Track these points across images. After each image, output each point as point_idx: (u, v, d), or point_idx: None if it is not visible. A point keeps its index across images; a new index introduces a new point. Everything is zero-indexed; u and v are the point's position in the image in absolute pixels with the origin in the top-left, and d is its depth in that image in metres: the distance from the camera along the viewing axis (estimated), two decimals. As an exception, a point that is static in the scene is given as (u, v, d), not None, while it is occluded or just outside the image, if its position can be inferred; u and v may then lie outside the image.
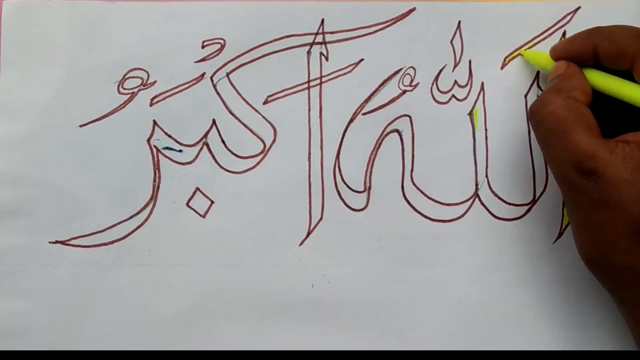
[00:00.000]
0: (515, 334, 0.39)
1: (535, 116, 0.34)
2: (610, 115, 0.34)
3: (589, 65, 0.36)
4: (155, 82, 0.40)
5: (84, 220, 0.40)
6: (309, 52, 0.41)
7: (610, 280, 0.33)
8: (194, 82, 0.41)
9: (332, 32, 0.41)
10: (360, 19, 0.41)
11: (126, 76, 0.40)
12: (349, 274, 0.39)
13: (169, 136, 0.40)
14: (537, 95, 0.40)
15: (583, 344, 0.39)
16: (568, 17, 0.41)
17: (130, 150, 0.40)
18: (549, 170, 0.40)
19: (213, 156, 0.40)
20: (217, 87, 0.41)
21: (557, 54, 0.37)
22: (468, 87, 0.41)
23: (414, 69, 0.41)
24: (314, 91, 0.41)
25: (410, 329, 0.39)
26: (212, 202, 0.40)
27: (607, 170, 0.31)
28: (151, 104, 0.40)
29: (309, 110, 0.40)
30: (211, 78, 0.41)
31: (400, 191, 0.40)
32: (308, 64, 0.41)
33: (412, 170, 0.40)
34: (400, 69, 0.41)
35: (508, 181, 0.40)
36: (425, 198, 0.40)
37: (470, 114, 0.41)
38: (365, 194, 0.40)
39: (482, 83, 0.41)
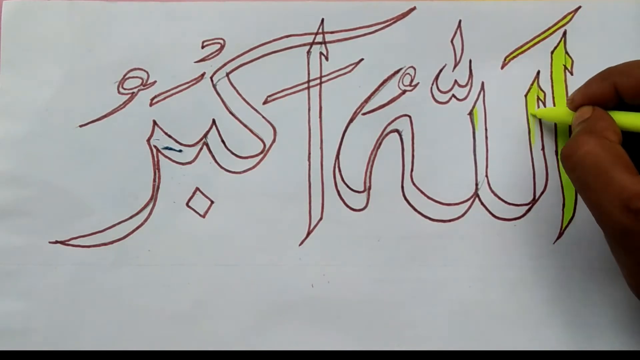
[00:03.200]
0: (515, 334, 0.39)
1: (571, 159, 0.33)
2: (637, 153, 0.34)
3: (611, 106, 0.35)
4: (155, 82, 0.41)
5: (84, 220, 0.40)
6: (309, 52, 0.41)
7: None
8: (194, 82, 0.41)
9: (332, 32, 0.41)
10: (360, 19, 0.41)
11: (126, 76, 0.41)
12: (349, 274, 0.39)
13: (169, 136, 0.40)
14: (537, 95, 0.40)
15: (583, 344, 0.39)
16: (569, 17, 0.41)
17: (130, 150, 0.40)
18: (549, 170, 0.40)
19: (213, 156, 0.40)
20: (217, 87, 0.41)
21: (576, 103, 0.37)
22: (468, 86, 0.41)
23: (414, 68, 0.41)
24: (314, 91, 0.41)
25: (410, 329, 0.39)
26: (212, 202, 0.40)
27: None
28: (151, 104, 0.40)
29: (309, 110, 0.40)
30: (211, 78, 0.41)
31: (400, 191, 0.40)
32: (308, 63, 0.41)
33: (412, 170, 0.40)
34: (400, 69, 0.41)
35: (508, 181, 0.40)
36: (425, 198, 0.40)
37: (471, 113, 0.40)
38: (365, 194, 0.40)
39: (482, 83, 0.41)
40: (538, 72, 0.41)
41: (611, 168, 0.31)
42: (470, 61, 0.41)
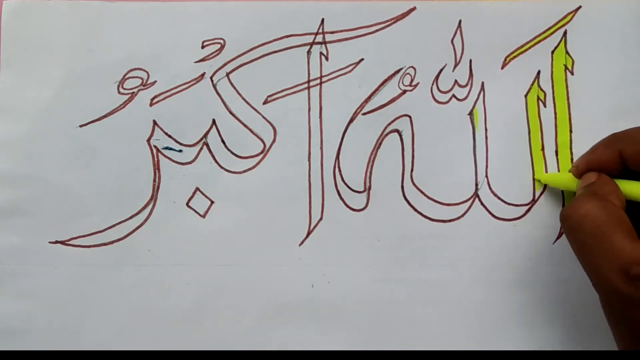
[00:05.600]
0: (515, 334, 0.39)
1: (570, 220, 0.32)
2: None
3: (616, 173, 0.35)
4: (155, 82, 0.41)
5: (84, 220, 0.40)
6: (309, 52, 0.41)
7: None
8: (194, 82, 0.41)
9: (332, 32, 0.41)
10: (360, 19, 0.41)
11: (126, 76, 0.41)
12: (349, 274, 0.39)
13: (169, 136, 0.40)
14: (537, 96, 0.40)
15: (583, 344, 0.39)
16: (569, 17, 0.41)
17: (130, 150, 0.40)
18: (549, 170, 0.40)
19: (213, 156, 0.40)
20: (217, 87, 0.41)
21: (580, 169, 0.36)
22: (468, 86, 0.41)
23: (414, 68, 0.41)
24: (314, 91, 0.41)
25: (410, 329, 0.39)
26: (212, 202, 0.40)
27: None
28: (151, 104, 0.40)
29: (309, 110, 0.40)
30: (211, 78, 0.41)
31: (400, 191, 0.40)
32: (308, 63, 0.41)
33: (412, 170, 0.40)
34: (401, 69, 0.41)
35: (508, 181, 0.40)
36: (425, 198, 0.40)
37: (471, 113, 0.40)
38: (365, 194, 0.40)
39: (483, 83, 0.41)
40: (538, 72, 0.41)
41: (612, 232, 0.30)
42: (470, 61, 0.41)
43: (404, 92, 0.41)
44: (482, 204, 0.40)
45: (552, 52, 0.41)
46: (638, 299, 0.29)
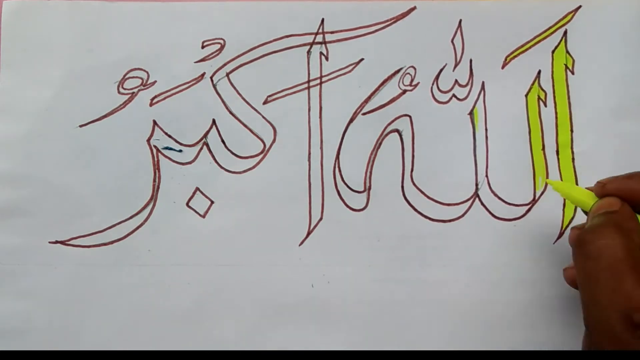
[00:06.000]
0: (515, 334, 0.39)
1: (589, 246, 0.30)
2: None
3: (637, 209, 0.33)
4: (155, 82, 0.41)
5: (84, 220, 0.40)
6: (309, 52, 0.41)
7: None
8: (194, 82, 0.41)
9: (332, 32, 0.41)
10: (360, 19, 0.41)
11: (126, 76, 0.41)
12: (349, 274, 0.39)
13: (169, 136, 0.40)
14: (538, 95, 0.40)
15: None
16: (569, 16, 0.41)
17: (130, 150, 0.40)
18: (549, 170, 0.40)
19: (213, 156, 0.40)
20: (217, 87, 0.41)
21: (607, 191, 0.33)
22: (468, 86, 0.41)
23: (414, 68, 0.41)
24: (314, 91, 0.41)
25: (410, 329, 0.39)
26: (212, 202, 0.40)
27: None
28: (151, 104, 0.40)
29: (309, 110, 0.40)
30: (211, 78, 0.41)
31: (400, 191, 0.40)
32: (308, 63, 0.41)
33: (412, 170, 0.40)
34: (401, 69, 0.41)
35: (508, 181, 0.40)
36: (425, 198, 0.40)
37: (471, 113, 0.40)
38: (365, 194, 0.40)
39: (483, 82, 0.41)
40: (539, 72, 0.41)
41: (627, 273, 0.29)
42: (470, 61, 0.41)
43: (404, 92, 0.41)
44: (482, 204, 0.40)
45: (553, 51, 0.41)
46: (629, 346, 0.28)
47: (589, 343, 0.31)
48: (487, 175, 0.40)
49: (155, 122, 0.40)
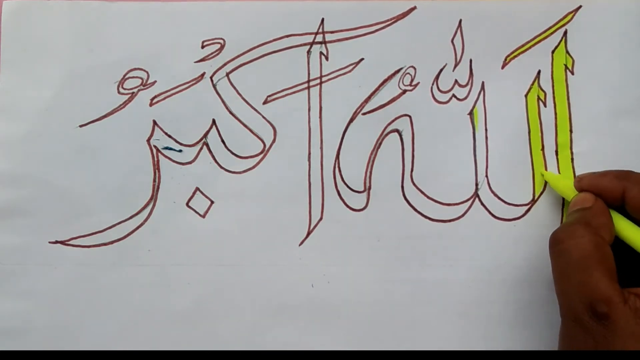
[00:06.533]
0: (515, 334, 0.39)
1: (560, 245, 0.34)
2: (625, 259, 0.34)
3: (612, 204, 0.35)
4: (155, 82, 0.41)
5: (84, 220, 0.40)
6: (309, 52, 0.41)
7: None
8: (194, 82, 0.41)
9: (332, 32, 0.41)
10: (360, 19, 0.41)
11: (126, 76, 0.41)
12: (349, 274, 0.39)
13: (169, 136, 0.40)
14: (538, 95, 0.40)
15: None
16: (569, 16, 0.41)
17: (130, 150, 0.40)
18: (549, 170, 0.40)
19: (213, 156, 0.40)
20: (217, 87, 0.41)
21: (583, 185, 0.37)
22: (468, 86, 0.41)
23: (414, 68, 0.41)
24: (314, 91, 0.41)
25: (410, 329, 0.39)
26: (212, 202, 0.40)
27: (620, 320, 0.30)
28: (151, 104, 0.40)
29: (309, 110, 0.40)
30: (211, 78, 0.41)
31: (400, 191, 0.40)
32: (308, 63, 0.41)
33: (412, 170, 0.40)
34: (401, 69, 0.41)
35: (508, 181, 0.40)
36: (425, 198, 0.40)
37: (471, 113, 0.40)
38: (365, 194, 0.40)
39: (483, 82, 0.41)
40: (539, 72, 0.41)
41: (594, 266, 0.32)
42: (470, 61, 0.41)
43: (404, 92, 0.41)
44: (482, 204, 0.40)
45: (553, 51, 0.41)
46: (595, 333, 0.31)
47: (563, 332, 0.33)
48: (487, 175, 0.40)
49: (155, 122, 0.40)
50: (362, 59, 0.41)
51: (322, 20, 0.41)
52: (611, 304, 0.31)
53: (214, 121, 0.40)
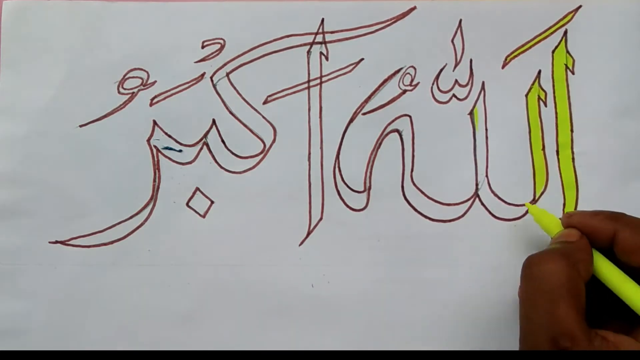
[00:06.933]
0: (515, 334, 0.38)
1: (533, 268, 0.33)
2: (596, 295, 0.33)
3: (600, 246, 0.34)
4: (155, 82, 0.41)
5: (84, 220, 0.40)
6: (309, 52, 0.41)
7: None
8: (194, 82, 0.41)
9: (332, 32, 0.41)
10: (360, 19, 0.41)
11: (126, 76, 0.41)
12: (349, 274, 0.39)
13: (169, 136, 0.40)
14: (538, 95, 0.40)
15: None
16: (569, 16, 0.41)
17: (130, 150, 0.40)
18: (549, 170, 0.40)
19: (213, 156, 0.40)
20: (217, 87, 0.41)
21: (571, 222, 0.35)
22: (469, 86, 0.41)
23: (415, 68, 0.41)
24: (314, 91, 0.40)
25: (410, 329, 0.39)
26: (212, 202, 0.40)
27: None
28: (151, 104, 0.40)
29: (309, 110, 0.40)
30: (211, 78, 0.41)
31: (400, 191, 0.40)
32: (308, 63, 0.41)
33: (412, 170, 0.40)
34: (401, 69, 0.41)
35: (508, 181, 0.40)
36: (425, 198, 0.40)
37: (471, 113, 0.40)
38: (365, 194, 0.40)
39: (483, 82, 0.41)
40: (539, 72, 0.41)
41: (563, 298, 0.31)
42: (470, 61, 0.41)
43: (404, 92, 0.41)
44: (482, 204, 0.40)
45: (553, 51, 0.41)
46: None
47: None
48: (487, 175, 0.40)
49: (155, 122, 0.40)
50: (362, 59, 0.41)
51: (322, 20, 0.41)
52: (575, 340, 0.30)
53: (214, 121, 0.40)
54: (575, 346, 0.30)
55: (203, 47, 0.41)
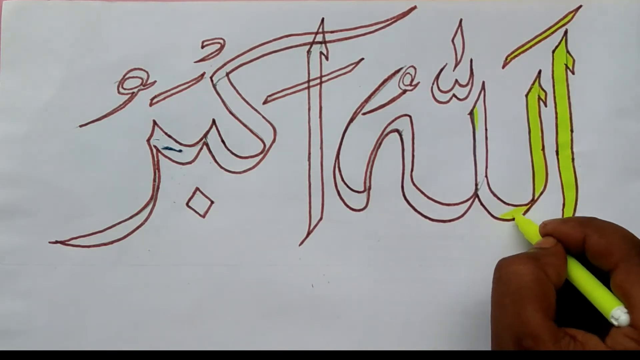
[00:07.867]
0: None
1: (501, 271, 0.33)
2: (570, 297, 0.34)
3: (576, 252, 0.34)
4: (155, 82, 0.41)
5: (84, 220, 0.40)
6: (309, 52, 0.41)
7: None
8: (194, 82, 0.41)
9: (332, 32, 0.41)
10: (360, 18, 0.41)
11: (126, 76, 0.41)
12: (349, 274, 0.39)
13: (169, 136, 0.40)
14: (538, 95, 0.40)
15: (583, 344, 0.39)
16: (570, 16, 0.41)
17: (130, 150, 0.40)
18: (549, 170, 0.40)
19: (213, 156, 0.40)
20: (217, 87, 0.41)
21: (546, 230, 0.36)
22: (469, 86, 0.41)
23: (415, 68, 0.41)
24: (314, 91, 0.40)
25: (410, 329, 0.39)
26: (212, 202, 0.40)
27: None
28: (151, 104, 0.40)
29: (309, 110, 0.40)
30: (211, 78, 0.41)
31: (400, 191, 0.40)
32: (308, 63, 0.41)
33: (412, 170, 0.40)
34: (401, 68, 0.41)
35: (507, 181, 0.40)
36: (425, 198, 0.40)
37: (471, 113, 0.40)
38: (365, 194, 0.40)
39: (483, 82, 0.41)
40: (539, 72, 0.41)
41: (529, 300, 0.31)
42: (471, 60, 0.41)
43: (404, 91, 0.41)
44: (482, 204, 0.40)
45: (553, 51, 0.41)
46: None
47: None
48: (486, 175, 0.40)
49: (155, 122, 0.40)
50: (362, 59, 0.41)
51: (322, 20, 0.41)
52: (538, 341, 0.30)
53: (214, 121, 0.40)
54: (539, 346, 0.30)
55: (203, 47, 0.41)
